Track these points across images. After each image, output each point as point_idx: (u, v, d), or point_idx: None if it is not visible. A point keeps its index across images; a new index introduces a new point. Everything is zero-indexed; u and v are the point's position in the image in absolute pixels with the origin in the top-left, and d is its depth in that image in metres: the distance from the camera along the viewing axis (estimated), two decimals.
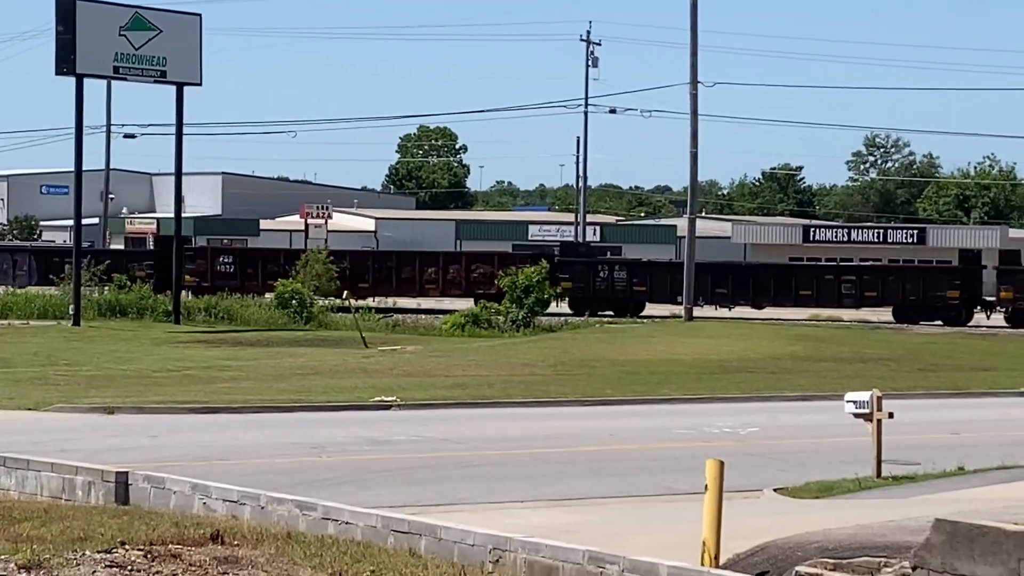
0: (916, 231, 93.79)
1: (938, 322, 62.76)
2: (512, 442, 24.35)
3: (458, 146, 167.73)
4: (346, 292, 57.51)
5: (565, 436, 25.29)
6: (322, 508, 15.06)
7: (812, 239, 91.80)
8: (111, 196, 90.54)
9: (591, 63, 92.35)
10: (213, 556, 13.10)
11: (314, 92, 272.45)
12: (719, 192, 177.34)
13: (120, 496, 17.16)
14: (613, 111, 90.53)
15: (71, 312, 54.16)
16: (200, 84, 57.38)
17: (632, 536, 14.59)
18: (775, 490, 18.85)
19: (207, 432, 25.03)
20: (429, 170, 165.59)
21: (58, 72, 53.79)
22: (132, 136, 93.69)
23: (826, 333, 51.53)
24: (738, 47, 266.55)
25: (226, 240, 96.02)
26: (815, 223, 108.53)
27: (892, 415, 20.08)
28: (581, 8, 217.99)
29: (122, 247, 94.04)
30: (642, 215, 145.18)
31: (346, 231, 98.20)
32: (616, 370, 38.20)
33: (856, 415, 20.15)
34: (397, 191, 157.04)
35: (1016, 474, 19.77)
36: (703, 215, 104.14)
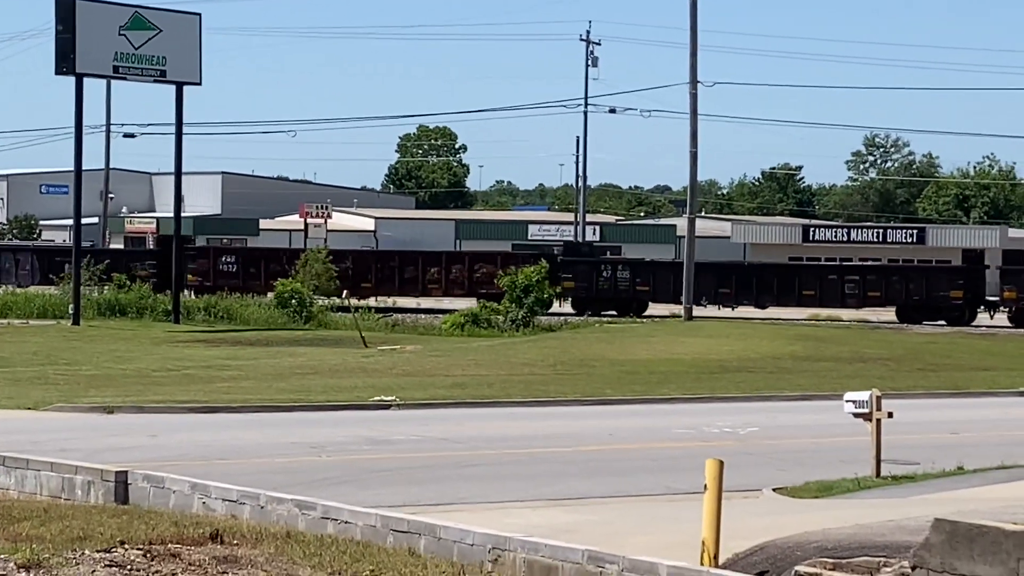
0: (916, 231, 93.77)
1: (942, 322, 62.70)
2: (511, 442, 24.35)
3: (457, 146, 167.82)
4: (345, 291, 57.47)
5: (564, 436, 25.28)
6: (321, 508, 15.06)
7: (812, 239, 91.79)
8: (111, 196, 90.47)
9: (591, 63, 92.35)
10: (212, 555, 13.10)
11: (314, 92, 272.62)
12: (719, 192, 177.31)
13: (119, 495, 17.16)
14: (613, 111, 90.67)
15: (71, 311, 54.17)
16: (200, 84, 57.39)
17: (631, 536, 14.58)
18: (774, 490, 18.86)
19: (206, 431, 25.03)
20: (429, 170, 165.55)
21: (58, 71, 53.79)
22: (132, 135, 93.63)
23: (826, 333, 51.53)
24: (738, 47, 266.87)
25: (225, 240, 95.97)
26: (815, 223, 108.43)
27: (891, 415, 20.09)
28: (581, 8, 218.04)
29: (122, 247, 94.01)
30: (641, 215, 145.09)
31: (346, 231, 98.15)
32: (615, 370, 38.19)
33: (855, 415, 20.15)
34: (397, 191, 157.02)
35: (1015, 474, 19.77)
36: (703, 215, 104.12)
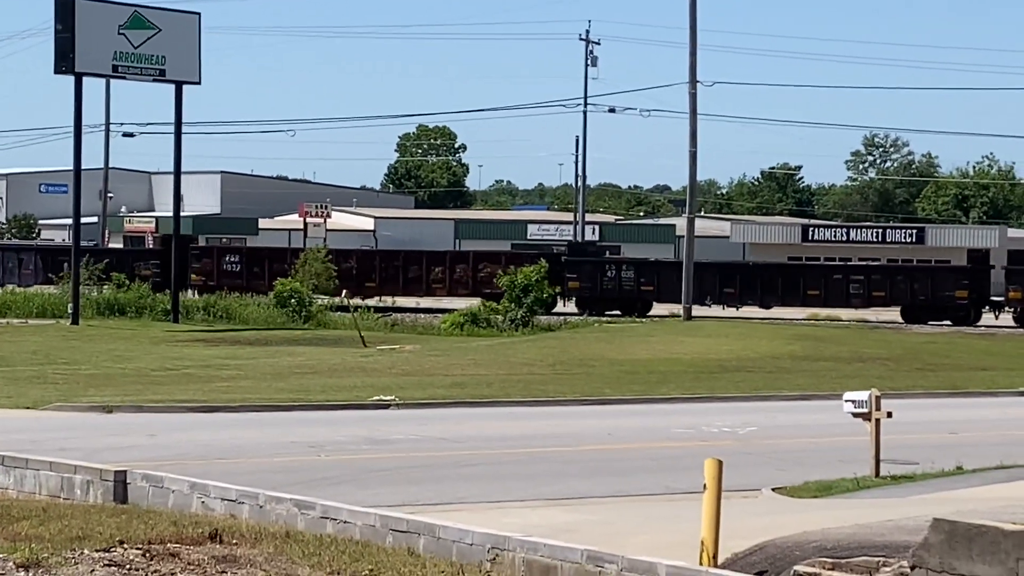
0: (915, 231, 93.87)
1: (947, 322, 62.61)
2: (510, 441, 24.35)
3: (457, 145, 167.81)
4: (344, 291, 57.41)
5: (564, 435, 25.28)
6: (320, 507, 15.05)
7: (811, 239, 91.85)
8: (110, 195, 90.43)
9: (590, 62, 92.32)
10: (211, 555, 13.10)
11: (313, 91, 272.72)
12: (718, 191, 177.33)
13: (118, 495, 17.15)
14: (612, 110, 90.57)
15: (70, 311, 54.14)
16: (199, 83, 57.32)
17: (631, 535, 14.58)
18: (774, 489, 18.86)
19: (205, 431, 25.02)
20: (428, 169, 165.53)
21: (57, 71, 53.72)
22: (131, 135, 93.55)
23: (825, 333, 51.51)
24: (737, 47, 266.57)
25: (225, 239, 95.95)
26: (814, 223, 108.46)
27: (891, 415, 20.09)
28: (580, 8, 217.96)
29: (121, 246, 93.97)
30: (641, 214, 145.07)
31: (345, 230, 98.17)
32: (615, 369, 38.19)
33: (855, 414, 20.16)
34: (396, 190, 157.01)
35: (1014, 474, 19.78)
36: (702, 214, 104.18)
